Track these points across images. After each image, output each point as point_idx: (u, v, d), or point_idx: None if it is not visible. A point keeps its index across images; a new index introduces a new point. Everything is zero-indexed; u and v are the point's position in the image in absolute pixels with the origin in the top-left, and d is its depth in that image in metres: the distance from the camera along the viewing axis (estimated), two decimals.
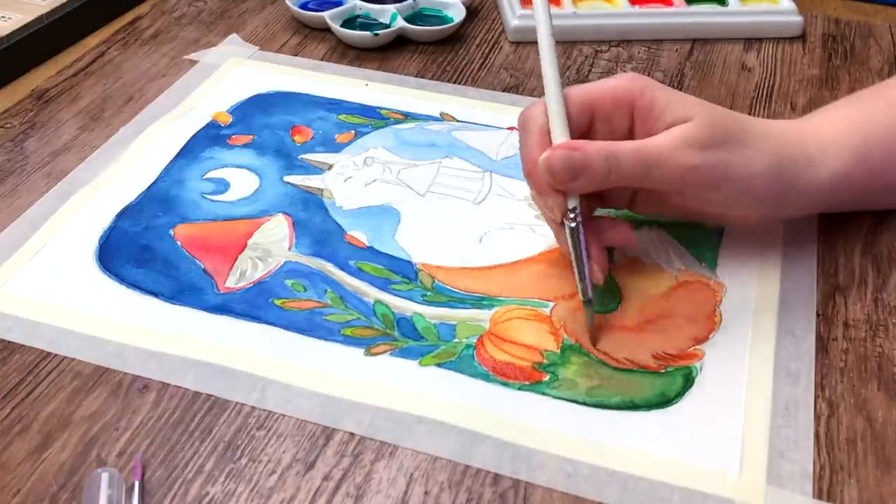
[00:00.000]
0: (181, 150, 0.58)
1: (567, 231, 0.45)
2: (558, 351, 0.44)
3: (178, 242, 0.51)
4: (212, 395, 0.42)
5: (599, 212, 0.49)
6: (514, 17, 0.71)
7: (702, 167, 0.44)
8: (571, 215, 0.44)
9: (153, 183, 0.55)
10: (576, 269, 0.45)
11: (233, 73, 0.66)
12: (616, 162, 0.43)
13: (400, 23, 0.70)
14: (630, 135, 0.46)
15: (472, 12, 0.75)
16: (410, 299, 0.47)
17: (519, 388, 0.43)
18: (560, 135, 0.44)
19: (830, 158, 0.47)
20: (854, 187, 0.48)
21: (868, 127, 0.48)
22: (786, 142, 0.47)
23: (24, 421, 0.41)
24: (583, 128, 0.46)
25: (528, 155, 0.45)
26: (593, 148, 0.43)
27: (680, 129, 0.44)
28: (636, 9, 0.72)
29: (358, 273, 0.49)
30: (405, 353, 0.44)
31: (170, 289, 0.48)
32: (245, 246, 0.50)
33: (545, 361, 0.44)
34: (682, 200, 0.46)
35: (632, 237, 0.47)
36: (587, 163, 0.43)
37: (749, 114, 0.50)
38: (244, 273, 0.49)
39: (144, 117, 0.61)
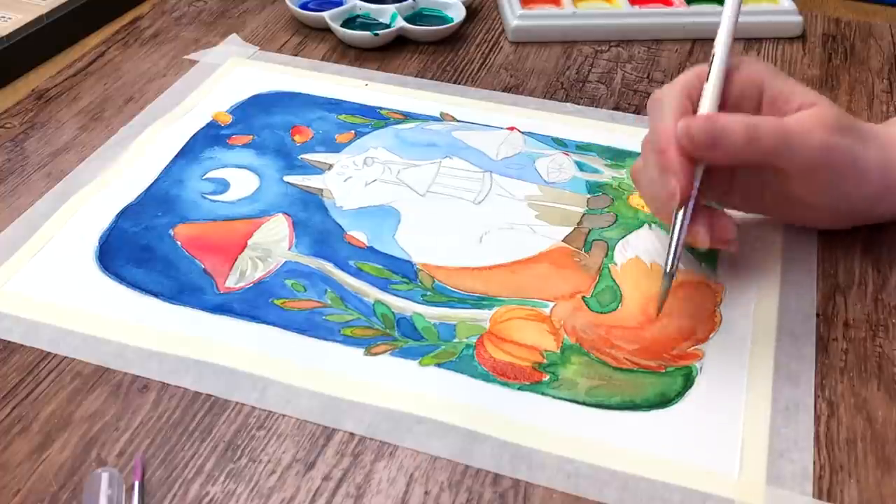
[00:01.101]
0: (181, 150, 0.58)
1: (678, 214, 0.45)
2: (558, 351, 0.44)
3: (178, 242, 0.51)
4: (212, 395, 0.42)
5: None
6: (514, 17, 0.71)
7: (837, 149, 0.45)
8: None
9: (153, 183, 0.55)
10: (673, 242, 0.45)
11: (233, 73, 0.66)
12: (756, 134, 0.44)
13: (400, 23, 0.70)
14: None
15: (472, 12, 0.75)
16: (410, 299, 0.47)
17: (519, 388, 0.43)
18: (710, 107, 0.46)
19: None
20: None
21: None
22: (889, 142, 0.48)
23: (24, 421, 0.41)
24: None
25: (661, 128, 0.45)
26: (735, 117, 0.44)
27: (817, 111, 0.45)
28: (636, 9, 0.72)
29: (358, 273, 0.49)
30: (405, 353, 0.44)
31: (170, 289, 0.48)
32: (245, 246, 0.50)
33: (545, 361, 0.44)
34: (797, 186, 0.47)
35: (731, 227, 0.46)
36: (728, 131, 0.44)
37: None
38: (244, 273, 0.49)
39: (144, 117, 0.61)
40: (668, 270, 0.45)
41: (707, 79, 0.47)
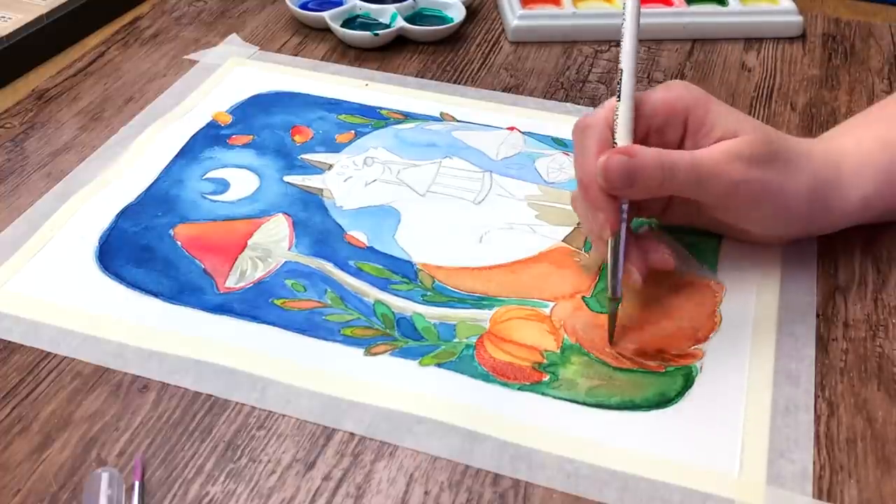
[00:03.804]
0: (181, 150, 0.58)
1: (610, 241, 0.45)
2: (558, 351, 0.44)
3: (178, 242, 0.51)
4: (212, 395, 0.42)
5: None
6: (514, 17, 0.71)
7: (750, 183, 0.44)
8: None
9: (153, 183, 0.55)
10: (609, 268, 0.45)
11: (233, 73, 0.66)
12: (671, 173, 0.43)
13: (400, 23, 0.70)
14: (680, 145, 0.46)
15: (472, 12, 0.75)
16: (410, 299, 0.47)
17: (519, 388, 0.43)
18: (624, 139, 0.45)
19: (862, 180, 0.47)
20: (881, 206, 0.49)
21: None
22: (821, 164, 0.47)
23: (24, 421, 0.41)
24: (639, 136, 0.46)
25: (585, 165, 0.45)
26: (650, 155, 0.44)
27: (731, 144, 0.44)
28: None
29: (358, 273, 0.49)
30: (405, 353, 0.44)
31: (170, 289, 0.48)
32: (245, 246, 0.50)
33: (545, 361, 0.44)
34: (720, 214, 0.47)
35: (669, 261, 0.46)
36: (643, 169, 0.43)
37: (748, 114, 0.50)
38: (244, 273, 0.49)
39: (144, 117, 0.61)
40: (611, 296, 0.44)
41: (617, 106, 0.45)
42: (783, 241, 0.50)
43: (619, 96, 0.46)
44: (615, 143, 0.45)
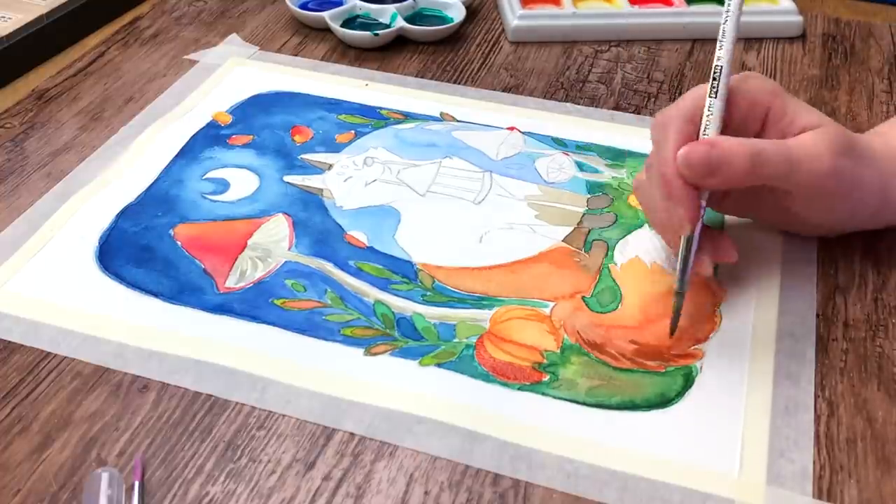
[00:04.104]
0: (181, 150, 0.58)
1: (683, 239, 0.45)
2: (558, 351, 0.44)
3: (178, 242, 0.51)
4: (212, 395, 0.42)
5: None
6: (514, 17, 0.71)
7: (842, 173, 0.44)
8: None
9: (153, 183, 0.55)
10: (680, 262, 0.45)
11: (233, 73, 0.66)
12: (760, 160, 0.43)
13: (400, 23, 0.70)
14: (758, 137, 0.46)
15: (472, 12, 0.75)
16: (410, 299, 0.47)
17: (519, 388, 0.43)
18: (714, 132, 0.44)
19: None
20: None
21: None
22: (884, 157, 0.47)
23: (24, 421, 0.41)
24: (720, 129, 0.45)
25: (665, 158, 0.44)
26: (736, 143, 0.43)
27: (823, 134, 0.44)
28: (636, 9, 0.72)
29: (358, 273, 0.49)
30: (405, 353, 0.44)
31: (170, 289, 0.48)
32: (245, 246, 0.50)
33: (545, 361, 0.44)
34: (799, 204, 0.46)
35: (734, 254, 0.46)
36: (730, 158, 0.43)
37: None
38: (244, 273, 0.49)
39: (144, 117, 0.61)
40: (679, 290, 0.45)
41: (706, 102, 0.45)
42: (839, 233, 0.50)
43: (712, 91, 0.45)
44: (698, 137, 0.45)
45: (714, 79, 0.45)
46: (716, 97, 0.45)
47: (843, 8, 0.78)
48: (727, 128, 0.45)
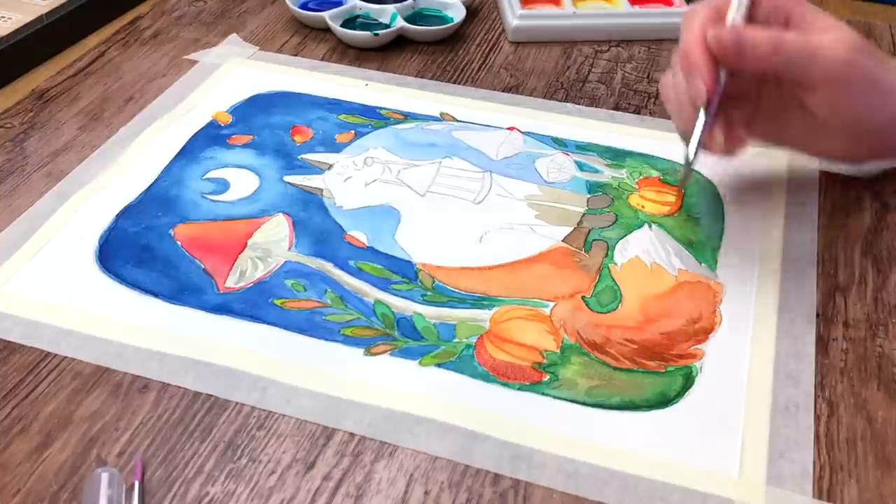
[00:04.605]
0: (181, 150, 0.58)
1: (700, 113, 0.48)
2: (558, 351, 0.44)
3: (179, 242, 0.51)
4: (212, 395, 0.42)
5: None
6: (514, 17, 0.71)
7: (860, 65, 0.47)
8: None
9: (153, 183, 0.55)
10: (694, 135, 0.48)
11: (233, 73, 0.66)
12: (782, 46, 0.47)
13: (400, 23, 0.70)
14: None
15: (472, 12, 0.75)
16: (410, 299, 0.47)
17: (519, 388, 0.43)
18: (736, 18, 0.48)
19: None
20: None
21: None
22: None
23: (24, 421, 0.41)
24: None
25: (691, 34, 0.48)
26: (760, 29, 0.47)
27: (839, 31, 0.48)
28: (636, 9, 0.72)
29: (358, 273, 0.49)
30: (405, 353, 0.44)
31: (170, 289, 0.48)
32: (245, 246, 0.50)
33: (545, 361, 0.44)
34: (819, 101, 0.48)
35: (743, 139, 0.49)
36: (754, 41, 0.47)
37: None
38: (244, 273, 0.49)
39: (144, 117, 0.61)
40: (690, 160, 0.48)
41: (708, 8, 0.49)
42: (861, 153, 0.53)
43: None
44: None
45: None
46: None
47: (843, 8, 0.78)
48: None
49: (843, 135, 0.50)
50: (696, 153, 0.48)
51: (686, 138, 0.50)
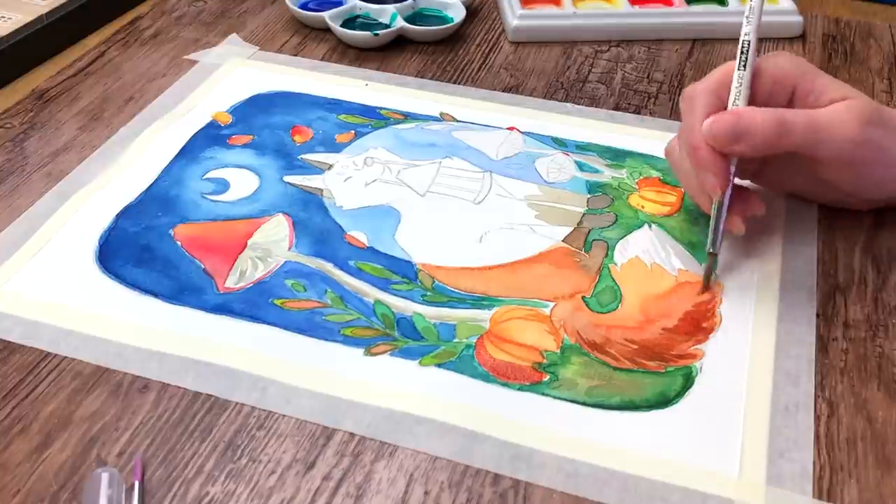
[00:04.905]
0: (181, 150, 0.58)
1: (715, 202, 0.47)
2: (558, 351, 0.44)
3: (178, 242, 0.51)
4: (212, 395, 0.42)
5: None
6: (514, 17, 0.71)
7: (869, 141, 0.46)
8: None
9: (153, 183, 0.55)
10: (712, 225, 0.47)
11: (233, 73, 0.66)
12: (787, 128, 0.45)
13: (400, 23, 0.70)
14: None
15: (472, 12, 0.75)
16: (410, 299, 0.47)
17: (519, 389, 0.43)
18: (741, 102, 0.47)
19: None
20: None
21: None
22: None
23: (24, 421, 0.41)
24: (747, 103, 0.48)
25: (694, 128, 0.47)
26: (762, 112, 0.46)
27: (850, 103, 0.46)
28: (636, 9, 0.72)
29: (358, 273, 0.49)
30: (405, 353, 0.44)
31: (170, 289, 0.48)
32: (245, 246, 0.50)
33: (545, 361, 0.44)
34: (830, 173, 0.48)
35: (761, 205, 0.49)
36: (756, 125, 0.45)
37: None
38: (244, 273, 0.49)
39: (144, 117, 0.61)
40: (711, 250, 0.47)
41: (735, 75, 0.48)
42: (873, 205, 0.52)
43: (740, 64, 0.48)
44: (725, 108, 0.47)
45: (742, 52, 0.48)
46: (744, 69, 0.47)
47: (843, 8, 0.78)
48: (753, 103, 0.48)
49: (852, 196, 0.51)
50: (716, 243, 0.47)
51: (699, 202, 0.50)
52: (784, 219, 0.53)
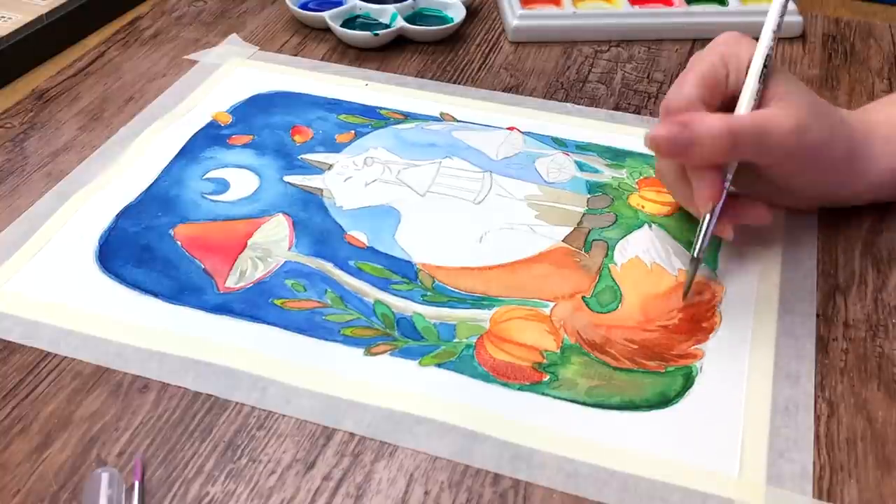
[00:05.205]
0: (181, 150, 0.58)
1: (707, 213, 0.47)
2: (558, 351, 0.44)
3: (179, 242, 0.51)
4: (212, 395, 0.42)
5: None
6: (514, 17, 0.71)
7: (805, 137, 0.46)
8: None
9: (153, 183, 0.55)
10: (702, 231, 0.47)
11: (233, 73, 0.66)
12: (734, 141, 0.44)
13: (400, 23, 0.70)
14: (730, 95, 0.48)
15: (472, 12, 0.75)
16: (410, 299, 0.47)
17: (519, 388, 0.43)
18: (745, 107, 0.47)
19: (892, 149, 0.50)
20: None
21: None
22: (856, 131, 0.50)
23: (24, 421, 0.41)
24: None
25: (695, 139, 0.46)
26: (708, 122, 0.44)
27: (787, 103, 0.46)
28: (636, 9, 0.72)
29: (358, 273, 0.49)
30: (405, 353, 0.44)
31: (170, 289, 0.48)
32: (245, 246, 0.50)
33: (545, 361, 0.44)
34: (768, 172, 0.48)
35: (766, 215, 0.49)
36: (700, 139, 0.44)
37: None
38: (244, 273, 0.49)
39: (144, 117, 0.61)
40: (695, 255, 0.47)
41: (751, 88, 0.47)
42: (814, 207, 0.53)
43: (760, 78, 0.47)
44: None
45: (765, 66, 0.47)
46: (762, 84, 0.47)
47: (843, 8, 0.78)
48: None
49: (797, 196, 0.51)
50: (701, 249, 0.46)
51: (691, 210, 0.50)
52: (784, 219, 0.53)
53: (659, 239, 0.51)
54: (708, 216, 0.47)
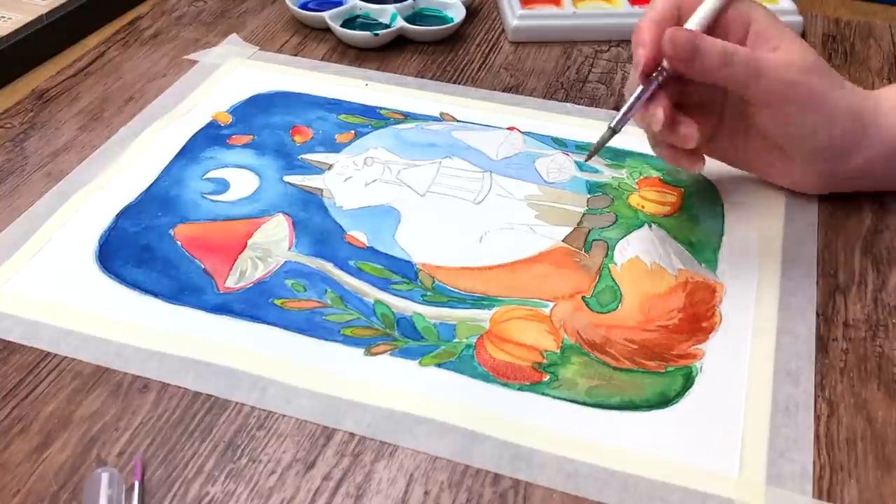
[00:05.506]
0: (181, 150, 0.58)
1: (639, 86, 0.48)
2: (558, 351, 0.44)
3: (179, 242, 0.51)
4: (212, 395, 0.42)
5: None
6: (514, 17, 0.71)
7: (803, 84, 0.48)
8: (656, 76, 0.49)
9: (153, 183, 0.55)
10: (626, 105, 0.49)
11: (233, 73, 0.66)
12: (730, 60, 0.47)
13: (400, 23, 0.70)
14: None
15: (472, 12, 0.75)
16: (410, 299, 0.47)
17: (519, 389, 0.43)
18: (696, 24, 0.49)
19: None
20: None
21: None
22: (861, 96, 0.51)
23: (24, 421, 0.41)
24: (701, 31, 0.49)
25: (651, 15, 0.49)
26: (713, 40, 0.47)
27: (789, 50, 0.48)
28: (636, 9, 0.72)
29: (358, 273, 0.49)
30: (405, 353, 0.44)
31: (170, 289, 0.48)
32: (245, 246, 0.50)
33: (545, 361, 0.44)
34: (767, 119, 0.49)
35: (692, 135, 0.48)
36: (705, 50, 0.47)
37: None
38: (244, 273, 0.49)
39: (144, 117, 0.61)
40: (612, 125, 0.49)
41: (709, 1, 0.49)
42: (820, 180, 0.52)
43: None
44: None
45: None
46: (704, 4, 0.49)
47: (843, 8, 0.78)
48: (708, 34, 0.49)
49: (794, 159, 0.51)
50: (621, 120, 0.49)
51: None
52: (784, 219, 0.53)
53: (659, 239, 0.51)
54: (637, 93, 0.48)
